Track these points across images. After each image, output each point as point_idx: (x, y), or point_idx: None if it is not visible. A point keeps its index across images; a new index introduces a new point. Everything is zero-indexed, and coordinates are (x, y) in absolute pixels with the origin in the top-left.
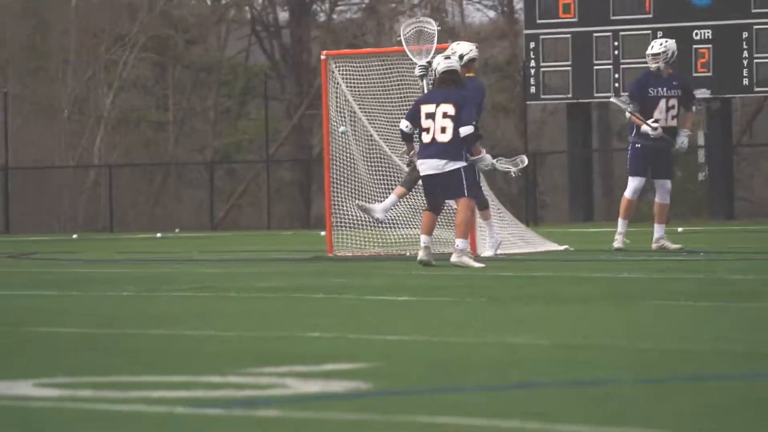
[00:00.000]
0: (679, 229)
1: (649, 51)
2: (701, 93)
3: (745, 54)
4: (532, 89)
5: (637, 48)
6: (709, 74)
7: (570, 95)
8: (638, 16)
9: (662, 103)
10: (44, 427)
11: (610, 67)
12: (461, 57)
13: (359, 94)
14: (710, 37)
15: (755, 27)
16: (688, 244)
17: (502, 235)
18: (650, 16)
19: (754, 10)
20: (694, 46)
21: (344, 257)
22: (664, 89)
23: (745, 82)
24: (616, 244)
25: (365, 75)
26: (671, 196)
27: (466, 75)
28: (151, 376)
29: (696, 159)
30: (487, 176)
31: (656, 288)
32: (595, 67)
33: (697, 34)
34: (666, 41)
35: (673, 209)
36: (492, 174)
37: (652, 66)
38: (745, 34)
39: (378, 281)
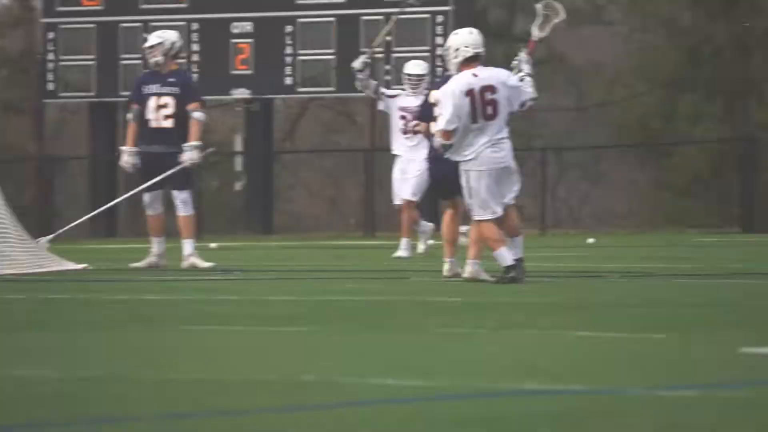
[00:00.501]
0: (212, 245)
1: (145, 45)
2: (240, 93)
3: (288, 50)
4: (50, 86)
5: None
6: (250, 72)
7: (93, 93)
8: (172, 6)
9: (152, 102)
10: None
11: (140, 62)
12: None
13: None
14: (251, 30)
15: (299, 20)
16: (223, 261)
17: (4, 251)
18: (185, 5)
19: (298, 1)
20: (233, 41)
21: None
22: (157, 86)
23: (288, 81)
24: (139, 264)
25: None
26: (199, 206)
27: None
28: None
29: (232, 167)
30: None
31: (186, 310)
32: (122, 62)
33: (236, 27)
34: (165, 32)
35: (207, 222)
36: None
37: (151, 60)
38: (288, 28)
39: None
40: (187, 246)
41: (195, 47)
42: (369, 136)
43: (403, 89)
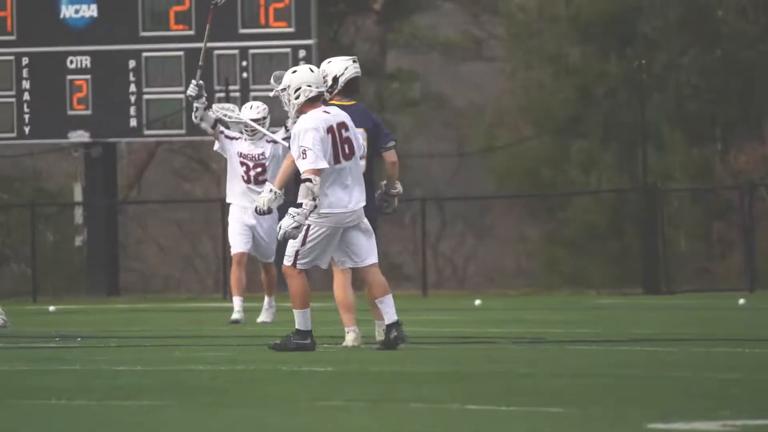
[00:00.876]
0: (51, 308)
1: None
2: (78, 136)
3: (133, 88)
4: None
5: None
6: (89, 112)
7: None
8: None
9: None
10: None
11: None
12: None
13: None
14: (89, 65)
15: (144, 54)
16: (63, 326)
17: None
18: (13, 38)
19: (142, 33)
20: (69, 77)
21: None
22: None
23: (133, 123)
24: None
25: None
26: (34, 263)
27: None
28: None
29: (72, 219)
30: None
31: (17, 382)
32: None
33: (72, 61)
34: None
35: (44, 282)
36: None
37: None
38: (132, 63)
39: None
40: None
41: (25, 84)
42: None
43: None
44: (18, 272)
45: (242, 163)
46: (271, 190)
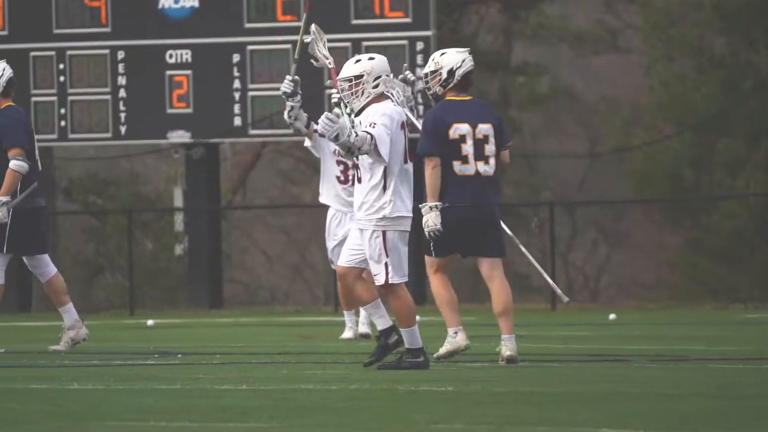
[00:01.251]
0: (149, 322)
1: None
2: (178, 136)
3: (237, 84)
4: None
5: (94, 73)
6: (189, 111)
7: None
8: (93, 30)
9: None
10: None
11: (55, 99)
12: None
13: None
14: (189, 59)
15: (249, 47)
16: (161, 342)
17: None
18: (108, 30)
19: (247, 24)
20: (168, 73)
21: None
22: None
23: (237, 122)
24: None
25: None
26: (132, 274)
27: None
28: None
29: (171, 226)
30: None
31: (116, 403)
32: (35, 99)
33: (171, 55)
34: None
35: (141, 294)
36: None
37: None
38: (236, 57)
39: None
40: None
41: (121, 80)
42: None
43: None
44: (113, 283)
45: (339, 162)
46: (431, 208)
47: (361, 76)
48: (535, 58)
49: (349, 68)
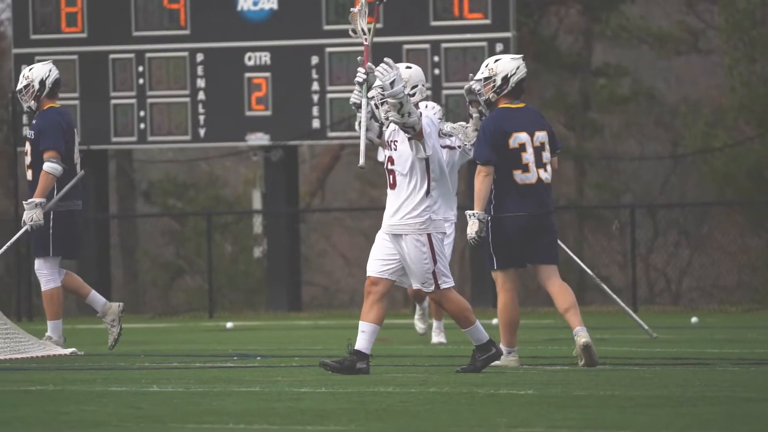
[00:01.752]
0: (228, 324)
1: (18, 87)
2: (257, 139)
3: (315, 86)
4: (26, 130)
5: (173, 75)
6: (268, 113)
7: (78, 139)
8: (172, 32)
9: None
10: None
11: (134, 101)
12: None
13: None
14: (268, 62)
15: (328, 49)
16: (240, 344)
17: None
18: (187, 32)
19: (326, 27)
20: (247, 75)
21: None
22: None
23: (316, 124)
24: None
25: None
26: (210, 277)
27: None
28: None
29: (250, 229)
30: None
31: (195, 405)
32: (113, 101)
33: (250, 58)
34: (33, 70)
35: (221, 296)
36: None
37: (24, 106)
38: (314, 59)
39: None
40: (49, 327)
41: (200, 83)
42: None
43: None
44: (193, 286)
45: None
46: (472, 216)
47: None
48: (615, 59)
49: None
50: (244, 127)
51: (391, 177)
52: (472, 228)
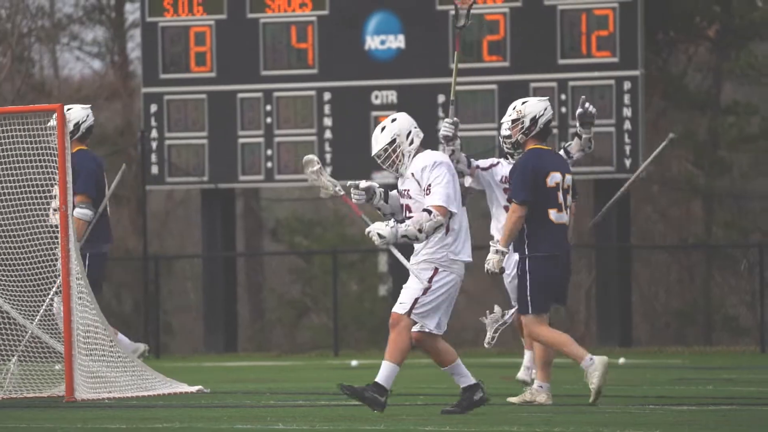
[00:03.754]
0: (353, 362)
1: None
2: (383, 177)
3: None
4: (154, 169)
5: (300, 114)
6: None
7: (206, 178)
8: (299, 72)
9: None
10: None
11: (261, 140)
12: None
13: None
14: (395, 100)
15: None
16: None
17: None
18: (315, 71)
19: (451, 65)
20: (374, 114)
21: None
22: None
23: None
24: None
25: None
26: (336, 315)
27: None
28: None
29: (375, 267)
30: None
31: None
32: (241, 140)
33: (377, 96)
34: (69, 111)
35: (346, 335)
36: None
37: None
38: (440, 98)
39: None
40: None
41: (327, 121)
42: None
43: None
44: (319, 324)
45: (506, 190)
46: (497, 252)
47: (394, 141)
48: (744, 97)
49: (379, 139)
50: (371, 165)
51: (406, 214)
52: (494, 260)
